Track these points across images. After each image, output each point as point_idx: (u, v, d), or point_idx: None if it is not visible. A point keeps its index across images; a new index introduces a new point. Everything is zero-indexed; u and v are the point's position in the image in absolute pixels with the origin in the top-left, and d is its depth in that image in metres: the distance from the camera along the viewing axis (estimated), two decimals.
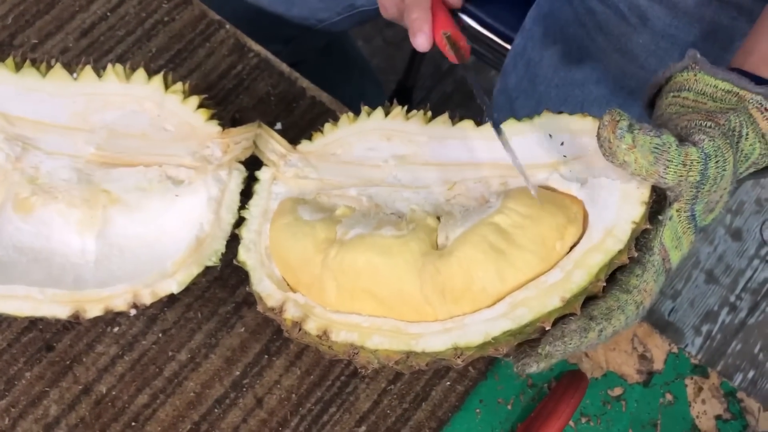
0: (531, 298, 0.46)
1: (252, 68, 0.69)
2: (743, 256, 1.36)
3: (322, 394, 0.57)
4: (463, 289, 0.47)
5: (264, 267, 0.53)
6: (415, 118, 0.55)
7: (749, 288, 1.34)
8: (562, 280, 0.46)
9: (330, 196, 0.55)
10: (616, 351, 0.59)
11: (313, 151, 0.57)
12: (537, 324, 0.46)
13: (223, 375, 0.57)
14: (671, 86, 0.50)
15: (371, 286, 0.49)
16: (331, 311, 0.50)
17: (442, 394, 0.57)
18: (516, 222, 0.47)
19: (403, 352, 0.48)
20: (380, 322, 0.49)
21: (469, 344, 0.46)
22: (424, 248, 0.49)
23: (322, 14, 0.88)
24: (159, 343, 0.58)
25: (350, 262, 0.49)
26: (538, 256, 0.47)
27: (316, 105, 0.68)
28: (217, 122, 0.57)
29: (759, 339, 1.30)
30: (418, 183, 0.54)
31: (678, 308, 1.31)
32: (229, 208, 0.55)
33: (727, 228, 1.38)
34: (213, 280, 0.60)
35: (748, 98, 0.47)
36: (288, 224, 0.53)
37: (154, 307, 0.59)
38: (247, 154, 0.58)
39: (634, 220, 0.46)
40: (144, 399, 0.56)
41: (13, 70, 0.56)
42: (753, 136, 0.47)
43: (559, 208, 0.48)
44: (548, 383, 0.58)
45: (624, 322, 0.47)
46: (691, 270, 1.34)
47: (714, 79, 0.48)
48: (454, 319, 0.47)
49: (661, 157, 0.44)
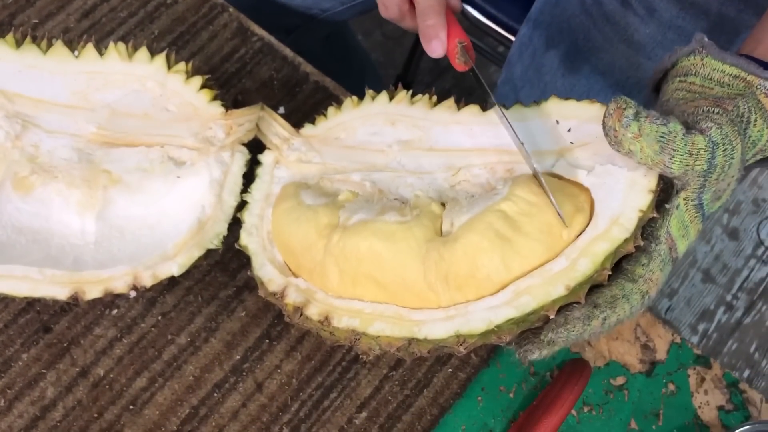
0: (535, 286, 0.45)
1: (255, 52, 0.68)
2: (740, 256, 1.36)
3: (323, 379, 0.56)
4: (468, 277, 0.46)
5: (266, 251, 0.52)
6: (420, 103, 0.55)
7: (745, 287, 1.34)
8: (567, 268, 0.45)
9: (333, 180, 0.55)
10: (618, 340, 0.59)
11: (316, 135, 0.56)
12: (541, 312, 0.45)
13: (222, 359, 0.56)
14: (677, 71, 0.50)
15: (374, 271, 0.48)
16: (333, 297, 0.50)
17: (444, 381, 0.57)
18: (523, 210, 0.47)
19: (405, 339, 0.47)
20: (382, 309, 0.48)
21: (472, 332, 0.46)
22: (429, 234, 0.48)
23: (325, 3, 0.87)
24: (158, 327, 0.57)
25: (353, 248, 0.48)
26: (544, 245, 0.46)
27: (320, 90, 0.67)
28: (220, 103, 0.56)
29: (755, 338, 1.30)
30: (422, 169, 0.54)
31: (675, 306, 1.31)
32: (231, 190, 0.54)
33: (724, 227, 1.38)
34: (214, 264, 0.59)
35: (757, 83, 0.47)
36: (290, 209, 0.52)
37: (153, 290, 0.58)
38: (250, 137, 0.57)
39: (641, 208, 0.46)
40: (142, 382, 0.55)
41: (13, 47, 0.56)
42: (761, 122, 0.47)
43: (567, 196, 0.48)
44: (551, 371, 0.58)
45: (629, 311, 0.46)
46: (688, 269, 1.34)
47: (722, 63, 0.48)
48: (457, 306, 0.47)
49: (667, 146, 0.43)
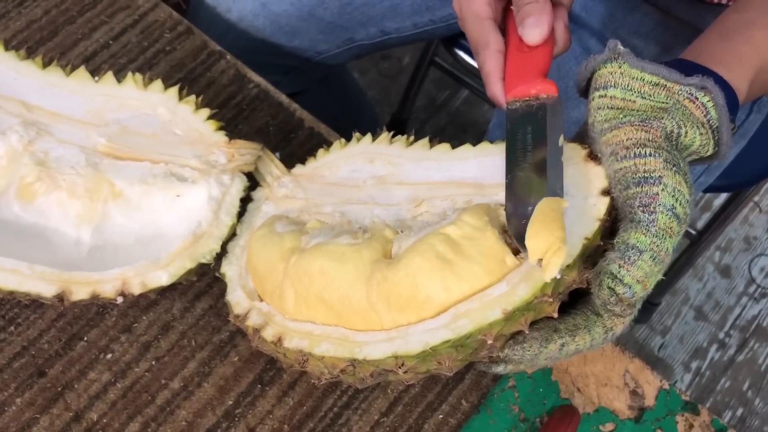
0: (473, 309, 0.45)
1: (252, 98, 0.70)
2: (732, 294, 1.37)
3: (314, 425, 0.57)
4: (409, 298, 0.47)
5: (241, 278, 0.55)
6: (398, 143, 0.57)
7: (738, 325, 1.35)
8: (507, 293, 0.45)
9: (311, 213, 0.57)
10: (608, 386, 0.60)
11: (304, 173, 0.59)
12: (478, 336, 0.45)
13: (215, 404, 0.57)
14: (597, 82, 0.48)
15: (323, 292, 0.49)
16: (290, 319, 0.51)
17: (435, 427, 0.57)
18: (467, 234, 0.47)
19: (348, 360, 0.48)
20: (330, 331, 0.49)
21: (409, 353, 0.46)
22: (376, 256, 0.49)
23: (321, 46, 0.89)
24: (152, 371, 0.58)
25: (305, 268, 0.50)
26: (486, 269, 0.46)
27: (314, 136, 0.68)
28: (224, 133, 0.59)
29: (748, 376, 1.30)
30: (390, 201, 0.56)
31: (668, 344, 1.32)
32: (228, 211, 0.56)
33: (716, 265, 1.39)
34: (208, 308, 0.60)
35: (677, 90, 0.47)
36: (262, 235, 0.54)
37: (148, 335, 0.59)
38: (250, 168, 0.59)
39: (587, 236, 0.46)
40: (135, 427, 0.56)
41: (40, 67, 0.59)
42: (692, 131, 0.47)
43: None
44: (540, 418, 0.58)
45: (589, 342, 0.47)
46: (680, 306, 1.35)
47: (640, 72, 0.47)
48: (399, 328, 0.47)
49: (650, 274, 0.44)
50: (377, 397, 0.58)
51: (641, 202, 0.44)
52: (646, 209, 0.43)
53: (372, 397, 0.58)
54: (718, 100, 0.47)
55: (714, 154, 0.49)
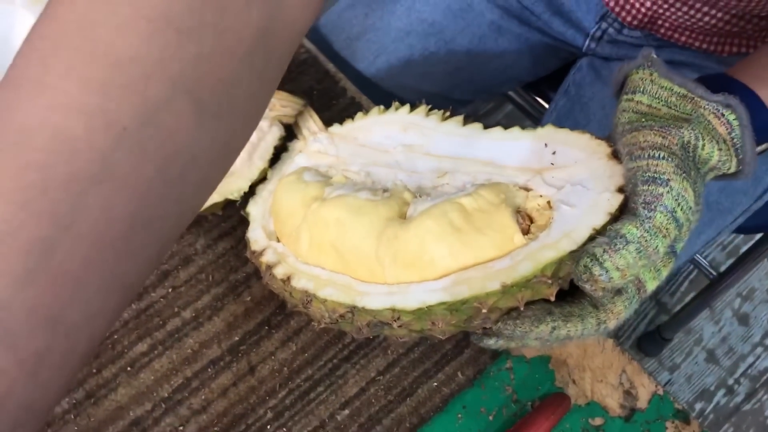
0: (474, 278, 0.47)
1: (300, 62, 0.73)
2: (747, 342, 1.36)
3: (312, 372, 0.58)
4: (415, 257, 0.48)
5: (263, 219, 0.57)
6: (433, 116, 0.59)
7: (749, 374, 1.33)
8: (509, 267, 0.46)
9: (338, 170, 0.59)
10: (603, 383, 0.61)
11: (339, 133, 0.61)
12: (474, 303, 0.46)
13: (222, 338, 0.59)
14: (627, 86, 0.50)
15: (336, 240, 0.51)
16: (301, 262, 0.53)
17: (428, 393, 0.58)
18: (481, 207, 0.49)
19: (348, 306, 0.49)
20: (337, 278, 0.51)
21: (406, 308, 0.47)
22: (391, 214, 0.51)
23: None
24: (167, 298, 0.60)
25: (324, 216, 0.52)
26: (494, 243, 0.47)
27: (355, 105, 0.71)
28: None
29: (752, 426, 1.29)
30: (415, 168, 0.58)
31: (674, 381, 1.31)
32: (261, 155, 0.59)
33: (734, 311, 1.38)
34: (229, 248, 0.63)
35: (703, 104, 0.48)
36: (289, 182, 0.57)
37: (168, 264, 0.61)
38: (287, 120, 0.62)
39: (595, 226, 0.47)
40: (143, 347, 0.58)
41: None
42: (709, 145, 0.47)
43: (511, 205, 0.50)
44: (532, 402, 0.59)
45: (580, 331, 0.48)
46: (692, 346, 1.34)
47: (669, 82, 0.49)
48: (400, 285, 0.49)
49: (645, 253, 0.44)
50: (377, 356, 0.60)
51: (645, 199, 0.45)
52: (647, 206, 0.44)
53: (372, 355, 0.60)
54: (743, 118, 0.48)
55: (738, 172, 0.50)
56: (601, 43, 0.83)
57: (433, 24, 0.85)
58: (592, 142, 0.51)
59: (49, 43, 0.32)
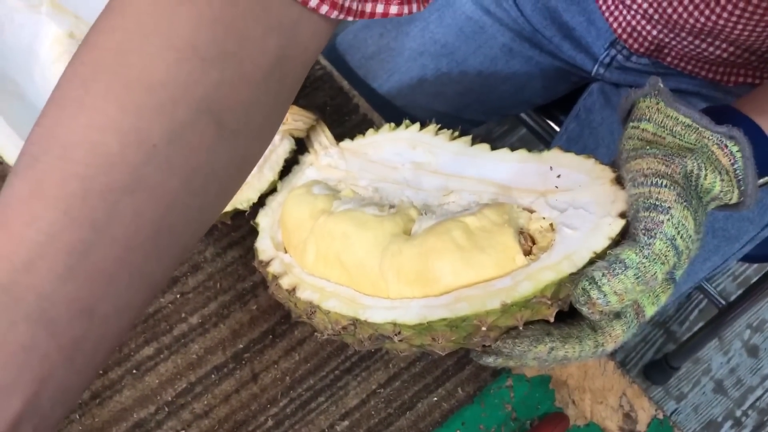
0: (474, 296, 0.48)
1: (315, 79, 0.74)
2: (756, 374, 1.35)
3: (314, 382, 0.59)
4: (418, 274, 0.49)
5: (272, 230, 0.59)
6: (442, 135, 0.60)
7: (757, 407, 1.32)
8: (509, 287, 0.47)
9: (347, 184, 0.61)
10: (603, 405, 0.61)
11: (350, 148, 0.63)
12: (474, 321, 0.47)
13: (227, 345, 0.60)
14: (634, 114, 0.51)
15: (341, 253, 0.52)
16: (307, 273, 0.54)
17: (427, 408, 0.59)
18: (485, 226, 0.50)
19: (351, 319, 0.50)
20: (341, 290, 0.52)
21: (407, 323, 0.48)
22: (396, 230, 0.52)
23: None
24: (175, 304, 0.61)
25: (330, 229, 0.53)
26: (495, 262, 0.48)
27: (366, 122, 0.72)
28: None
29: None
30: (421, 186, 0.59)
31: (681, 411, 1.30)
32: (271, 167, 0.60)
33: (744, 343, 1.37)
34: (238, 258, 0.64)
35: (707, 135, 0.48)
36: (299, 194, 0.58)
37: (178, 270, 0.63)
38: (299, 134, 0.63)
39: (595, 250, 0.47)
40: (149, 351, 0.59)
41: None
42: (712, 175, 0.48)
43: (512, 226, 0.50)
44: (531, 421, 0.60)
45: (578, 352, 0.48)
46: (700, 376, 1.33)
47: (675, 112, 0.49)
48: (403, 300, 0.50)
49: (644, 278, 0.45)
50: (378, 369, 0.60)
51: (645, 226, 0.45)
52: (647, 233, 0.45)
53: (373, 367, 0.60)
54: (746, 150, 0.48)
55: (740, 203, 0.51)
56: (610, 68, 0.85)
57: (446, 45, 0.86)
58: (596, 166, 0.52)
59: (89, 68, 0.37)
